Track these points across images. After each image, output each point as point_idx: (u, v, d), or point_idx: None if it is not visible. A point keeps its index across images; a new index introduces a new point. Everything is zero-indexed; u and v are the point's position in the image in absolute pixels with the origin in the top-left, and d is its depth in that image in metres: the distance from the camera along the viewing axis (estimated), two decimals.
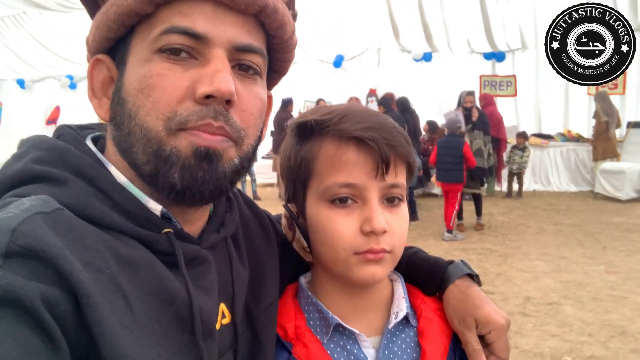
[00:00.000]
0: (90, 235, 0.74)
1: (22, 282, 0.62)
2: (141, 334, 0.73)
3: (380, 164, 1.02)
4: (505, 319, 1.11)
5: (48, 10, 14.11)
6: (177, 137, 0.81)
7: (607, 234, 8.81)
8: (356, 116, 1.06)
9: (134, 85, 0.82)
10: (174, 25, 0.81)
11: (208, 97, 0.80)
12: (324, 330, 1.10)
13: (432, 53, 14.82)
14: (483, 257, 7.69)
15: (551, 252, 7.82)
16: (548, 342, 4.85)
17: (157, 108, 0.80)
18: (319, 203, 1.07)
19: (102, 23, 0.85)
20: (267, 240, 1.18)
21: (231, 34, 0.84)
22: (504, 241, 8.60)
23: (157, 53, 0.81)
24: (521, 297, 6.02)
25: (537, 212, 10.84)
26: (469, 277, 1.20)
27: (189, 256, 0.87)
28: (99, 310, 0.67)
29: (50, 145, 0.84)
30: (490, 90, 14.10)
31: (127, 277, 0.75)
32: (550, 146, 13.25)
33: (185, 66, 0.82)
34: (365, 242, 1.03)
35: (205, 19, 0.82)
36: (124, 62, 0.86)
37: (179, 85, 0.81)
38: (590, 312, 5.55)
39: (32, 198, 0.74)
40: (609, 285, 6.32)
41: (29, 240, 0.66)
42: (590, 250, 7.88)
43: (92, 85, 0.90)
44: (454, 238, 8.69)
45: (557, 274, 6.83)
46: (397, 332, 1.12)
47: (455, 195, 8.60)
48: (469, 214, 9.72)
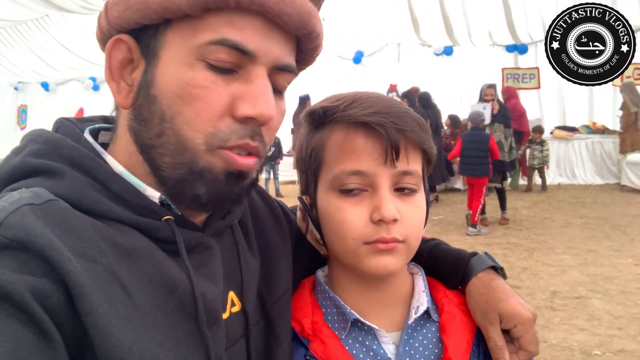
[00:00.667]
0: (85, 225, 0.73)
1: (10, 275, 0.62)
2: (141, 324, 0.72)
3: (389, 149, 0.99)
4: (531, 312, 1.07)
5: (70, 13, 14.30)
6: (215, 155, 0.80)
7: (635, 226, 8.66)
8: (365, 101, 1.03)
9: (171, 89, 0.79)
10: (225, 38, 0.78)
11: (249, 117, 0.80)
12: (342, 326, 1.07)
13: (453, 47, 14.71)
14: (508, 251, 7.61)
15: (578, 246, 7.71)
16: (576, 336, 4.78)
17: (198, 121, 0.79)
18: (329, 192, 1.05)
19: (138, 8, 0.79)
20: (279, 229, 1.16)
21: (276, 53, 0.82)
22: (529, 235, 8.50)
23: (201, 61, 0.79)
24: (548, 291, 5.94)
25: (562, 205, 10.70)
26: (492, 269, 1.16)
27: (190, 243, 0.86)
28: (89, 300, 0.66)
29: (47, 138, 0.83)
30: (513, 83, 13.94)
31: (126, 266, 0.74)
32: (575, 139, 13.09)
33: (227, 80, 0.80)
34: (375, 231, 0.99)
35: (256, 35, 0.80)
36: (155, 53, 0.82)
37: (221, 101, 0.79)
38: (619, 305, 5.45)
39: (23, 191, 0.73)
40: (637, 278, 6.22)
41: (17, 232, 0.65)
42: (617, 243, 7.76)
43: (110, 66, 0.85)
44: (478, 232, 8.61)
45: (584, 267, 6.73)
46: (417, 327, 1.09)
47: (480, 189, 8.54)
48: (492, 208, 9.63)
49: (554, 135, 13.21)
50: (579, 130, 13.32)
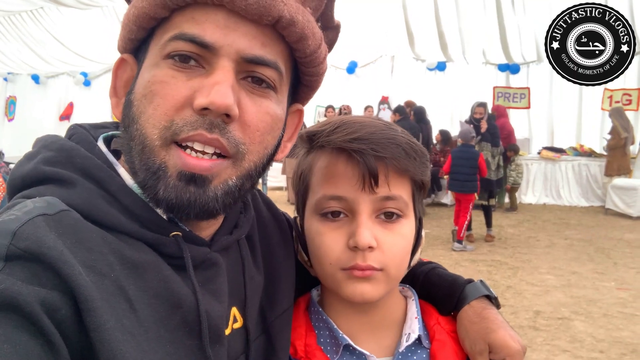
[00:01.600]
0: (95, 237, 0.73)
1: (21, 286, 0.62)
2: (144, 339, 0.72)
3: (367, 175, 0.98)
4: (520, 345, 1.07)
5: (66, 7, 14.20)
6: (169, 150, 0.79)
7: (618, 250, 8.75)
8: (349, 127, 1.03)
9: (139, 90, 0.82)
10: (183, 32, 0.79)
11: (205, 108, 0.78)
12: (334, 349, 1.07)
13: (447, 63, 14.80)
14: (493, 269, 7.66)
15: (562, 267, 7.78)
16: (558, 358, 4.83)
17: (155, 115, 0.79)
18: (312, 216, 1.05)
19: (124, 23, 0.86)
20: (285, 243, 1.16)
21: (241, 45, 0.81)
22: (514, 254, 8.56)
23: (165, 59, 0.80)
24: (531, 310, 5.99)
25: (547, 225, 10.79)
26: (487, 298, 1.16)
27: (197, 259, 0.86)
28: (97, 315, 0.66)
29: (60, 146, 0.84)
30: (504, 102, 14.06)
31: (133, 280, 0.75)
32: (562, 160, 13.19)
33: (190, 75, 0.80)
34: (351, 258, 0.99)
35: (216, 27, 0.79)
36: (141, 64, 0.86)
37: (179, 94, 0.79)
38: (601, 328, 5.51)
39: (37, 200, 0.73)
40: (620, 302, 6.29)
41: (30, 243, 0.65)
42: (601, 266, 7.83)
43: (115, 84, 0.91)
44: (463, 249, 8.66)
45: (567, 288, 6.80)
46: (408, 353, 1.08)
47: (467, 205, 8.62)
48: (478, 225, 9.69)
49: (542, 155, 13.32)
50: (566, 152, 13.45)
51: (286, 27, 0.83)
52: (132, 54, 0.90)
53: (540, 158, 13.34)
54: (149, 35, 0.85)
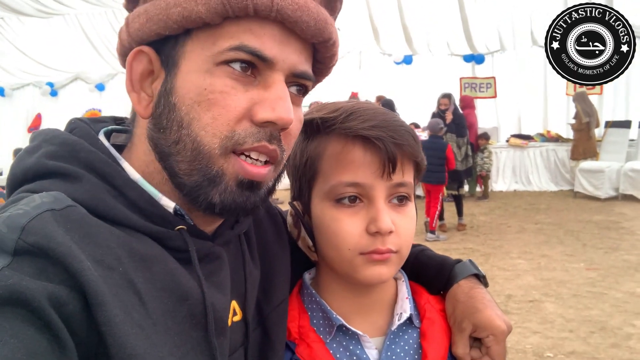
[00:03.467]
0: (103, 232, 0.74)
1: (29, 281, 0.62)
2: (153, 331, 0.73)
3: (387, 163, 1.01)
4: (506, 324, 1.10)
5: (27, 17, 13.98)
6: (227, 159, 0.81)
7: (587, 231, 8.93)
8: (363, 114, 1.05)
9: (190, 95, 0.80)
10: (244, 44, 0.79)
11: (268, 121, 0.81)
12: (327, 330, 1.09)
13: (413, 56, 14.89)
14: (465, 256, 7.60)
15: (532, 251, 7.92)
16: (530, 339, 4.92)
17: (216, 125, 0.80)
18: (324, 202, 1.06)
19: (159, 19, 0.80)
20: (279, 237, 1.17)
21: (293, 61, 0.84)
22: (485, 241, 8.68)
23: (220, 66, 0.80)
24: (503, 295, 6.09)
25: (518, 211, 10.95)
26: (475, 277, 1.19)
27: (201, 253, 0.87)
28: (107, 309, 0.67)
29: (63, 140, 0.83)
30: (471, 92, 14.20)
31: (141, 273, 0.75)
32: (530, 146, 13.39)
33: (247, 85, 0.81)
34: (371, 243, 1.01)
35: (274, 42, 0.81)
36: (175, 63, 0.83)
37: (239, 105, 0.80)
38: (570, 308, 5.64)
39: (44, 194, 0.73)
40: (588, 282, 6.42)
41: (39, 238, 0.65)
42: (570, 248, 7.99)
43: (131, 77, 0.86)
44: (436, 239, 8.77)
45: (537, 271, 6.93)
46: (400, 333, 1.11)
47: (437, 195, 8.70)
48: (450, 215, 9.79)
49: (510, 143, 13.49)
50: (533, 139, 13.62)
51: (329, 47, 0.89)
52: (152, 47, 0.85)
53: (508, 146, 13.51)
54: (183, 34, 0.82)
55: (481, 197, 12.38)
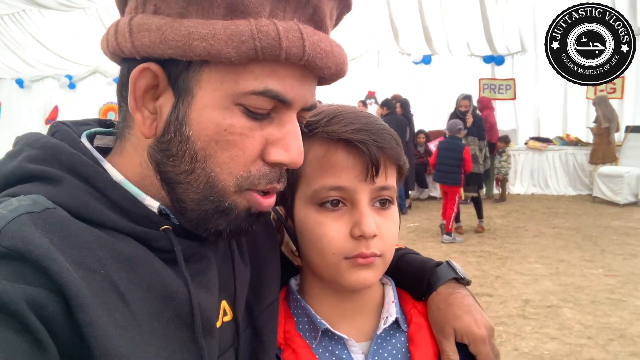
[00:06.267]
0: (84, 234, 0.73)
1: (6, 285, 0.61)
2: (138, 332, 0.72)
3: (370, 166, 1.00)
4: (486, 328, 1.09)
5: (48, 9, 14.10)
6: (241, 195, 0.83)
7: (606, 237, 8.83)
8: (345, 117, 1.05)
9: (207, 132, 0.79)
10: (269, 89, 0.78)
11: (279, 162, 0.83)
12: (313, 335, 1.09)
13: (432, 56, 14.83)
14: (482, 259, 7.70)
15: (550, 255, 7.85)
16: (547, 345, 4.87)
17: (232, 165, 0.81)
18: (308, 206, 1.05)
19: (178, 46, 0.76)
20: (269, 237, 1.16)
21: (307, 98, 0.85)
22: (502, 244, 8.62)
23: (238, 106, 0.79)
24: (520, 299, 6.04)
25: (535, 215, 10.86)
26: (455, 280, 1.17)
27: (188, 252, 0.86)
28: (89, 311, 0.66)
29: (44, 143, 0.82)
30: (490, 93, 14.11)
31: (125, 274, 0.74)
32: (549, 150, 13.28)
33: (262, 124, 0.81)
34: (355, 247, 1.01)
35: (295, 83, 0.81)
36: (189, 90, 0.79)
37: (256, 147, 0.81)
38: (589, 315, 5.57)
39: (22, 198, 0.72)
40: (607, 288, 6.35)
41: (15, 241, 0.65)
42: (588, 253, 7.90)
43: (135, 94, 0.81)
44: (452, 240, 8.71)
45: (555, 276, 6.86)
46: (387, 337, 1.11)
47: (453, 197, 8.65)
48: (468, 217, 9.74)
49: (529, 145, 13.40)
50: (552, 142, 13.52)
51: (336, 80, 0.90)
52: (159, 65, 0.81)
53: (527, 148, 13.40)
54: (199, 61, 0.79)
55: (498, 200, 12.28)
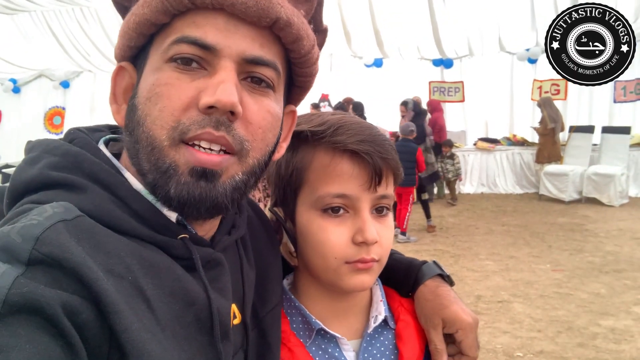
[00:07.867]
0: (112, 241, 0.75)
1: (44, 290, 0.63)
2: (163, 337, 0.74)
3: (374, 176, 1.06)
4: (472, 317, 1.15)
5: None
6: (178, 150, 0.81)
7: (552, 233, 9.16)
8: (350, 128, 1.09)
9: (144, 94, 0.83)
10: (185, 35, 0.81)
11: (211, 107, 0.79)
12: (307, 334, 1.12)
13: (383, 59, 15.02)
14: (436, 257, 7.64)
15: (500, 252, 8.09)
16: (500, 339, 5.04)
17: (162, 117, 0.80)
18: (311, 211, 1.09)
19: (124, 31, 0.87)
20: (271, 241, 1.18)
21: (241, 46, 0.83)
22: (455, 242, 8.83)
23: (168, 62, 0.82)
24: (472, 295, 6.21)
25: (485, 213, 11.15)
26: (440, 277, 1.24)
27: (204, 259, 0.88)
28: (124, 317, 0.68)
29: (65, 151, 0.84)
30: (439, 96, 14.41)
31: (150, 279, 0.76)
32: (497, 150, 13.63)
33: (193, 76, 0.82)
34: (356, 252, 1.05)
35: (217, 30, 0.82)
36: (141, 70, 0.87)
37: (184, 95, 0.80)
38: (538, 309, 5.78)
39: (54, 205, 0.74)
40: (555, 283, 6.60)
41: (53, 248, 0.66)
42: (536, 249, 8.19)
43: (114, 91, 0.92)
44: (407, 240, 8.87)
45: (506, 272, 7.08)
46: (376, 335, 1.16)
47: (407, 197, 8.81)
48: (420, 217, 9.91)
49: (477, 146, 13.71)
50: (500, 142, 13.87)
51: (283, 28, 0.86)
52: (131, 62, 0.91)
53: (476, 149, 13.75)
54: (148, 43, 0.87)
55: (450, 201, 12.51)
